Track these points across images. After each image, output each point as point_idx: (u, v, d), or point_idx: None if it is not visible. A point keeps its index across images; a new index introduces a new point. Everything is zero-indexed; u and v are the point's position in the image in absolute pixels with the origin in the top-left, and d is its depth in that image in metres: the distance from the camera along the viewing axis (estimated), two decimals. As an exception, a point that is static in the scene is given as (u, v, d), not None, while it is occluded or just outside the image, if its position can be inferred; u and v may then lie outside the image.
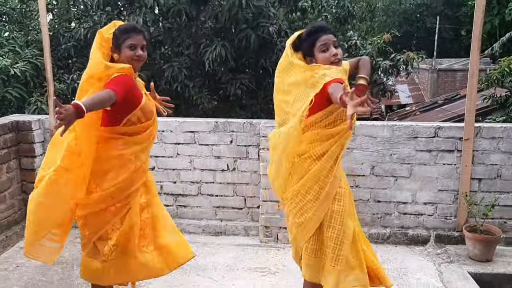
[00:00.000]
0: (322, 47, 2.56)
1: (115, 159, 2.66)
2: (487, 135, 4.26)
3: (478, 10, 4.07)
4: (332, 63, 2.55)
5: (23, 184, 4.68)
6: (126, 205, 2.72)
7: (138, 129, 2.68)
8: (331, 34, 2.57)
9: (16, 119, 4.63)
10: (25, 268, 3.93)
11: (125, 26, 2.71)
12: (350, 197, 2.74)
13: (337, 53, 2.55)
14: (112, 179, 2.66)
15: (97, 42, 2.68)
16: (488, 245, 4.01)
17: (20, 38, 8.27)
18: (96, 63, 2.61)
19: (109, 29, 2.71)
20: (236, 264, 4.04)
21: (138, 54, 2.65)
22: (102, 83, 2.56)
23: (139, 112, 2.64)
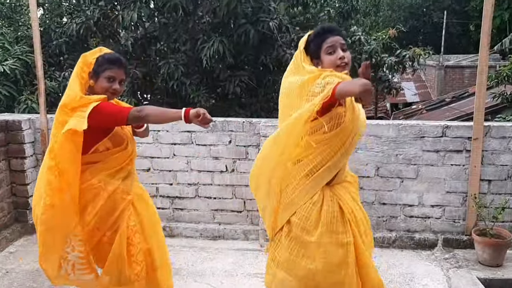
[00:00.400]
0: (328, 49, 2.48)
1: (87, 191, 2.65)
2: (497, 135, 4.25)
3: (488, 4, 4.06)
4: (338, 66, 2.48)
5: (12, 186, 4.67)
6: (116, 232, 2.71)
7: (102, 156, 2.68)
8: (339, 36, 2.51)
9: (5, 118, 4.63)
10: (15, 274, 3.92)
11: (110, 55, 2.68)
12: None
13: (344, 56, 2.48)
14: (91, 211, 2.67)
15: (79, 67, 2.67)
16: (498, 249, 4.01)
17: (10, 34, 8.27)
18: (73, 94, 2.59)
19: (94, 53, 2.69)
20: (235, 269, 4.04)
21: (114, 87, 2.65)
22: (75, 113, 2.54)
23: (107, 142, 2.67)
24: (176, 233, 4.68)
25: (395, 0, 28.80)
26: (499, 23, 19.60)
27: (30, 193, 4.70)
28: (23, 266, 4.05)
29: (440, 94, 20.13)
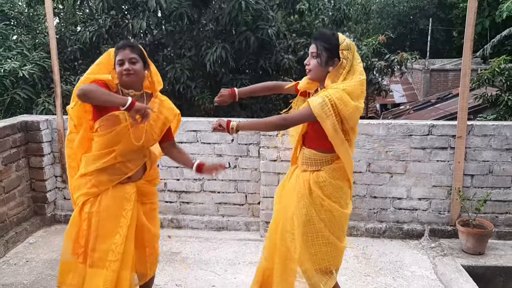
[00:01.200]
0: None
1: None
2: (479, 133, 4.25)
3: (470, 12, 4.06)
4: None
5: (32, 182, 4.67)
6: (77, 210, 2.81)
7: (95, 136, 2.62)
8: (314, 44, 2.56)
9: (24, 119, 4.62)
10: (34, 263, 3.93)
11: (118, 43, 2.66)
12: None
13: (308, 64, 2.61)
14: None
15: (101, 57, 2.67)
16: (480, 238, 4.01)
17: (28, 41, 8.27)
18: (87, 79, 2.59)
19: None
20: (237, 258, 4.04)
21: (125, 68, 2.51)
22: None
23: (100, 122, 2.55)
24: (183, 225, 4.68)
25: (384, 8, 28.76)
26: (480, 29, 19.55)
27: (48, 188, 4.70)
28: (42, 256, 4.06)
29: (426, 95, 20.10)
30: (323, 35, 2.60)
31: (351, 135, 2.57)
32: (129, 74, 2.53)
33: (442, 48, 27.75)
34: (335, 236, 2.64)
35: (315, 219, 2.60)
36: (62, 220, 4.80)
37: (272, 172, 4.38)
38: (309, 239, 2.62)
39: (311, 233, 2.61)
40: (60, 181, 4.82)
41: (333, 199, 2.61)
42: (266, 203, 4.42)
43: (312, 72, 2.59)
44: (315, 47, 2.55)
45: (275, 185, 4.37)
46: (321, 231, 2.61)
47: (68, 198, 4.84)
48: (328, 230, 2.62)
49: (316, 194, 2.60)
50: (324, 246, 2.63)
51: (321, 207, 2.60)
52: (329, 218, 2.61)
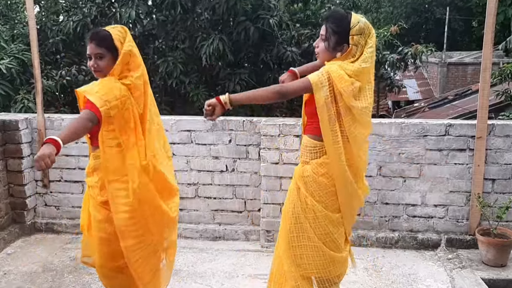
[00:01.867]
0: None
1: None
2: (501, 133, 4.26)
3: (491, 0, 4.07)
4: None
5: (10, 186, 4.68)
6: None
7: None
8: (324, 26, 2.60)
9: (2, 118, 4.63)
10: (13, 275, 3.93)
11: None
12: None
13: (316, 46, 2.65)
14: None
15: None
16: (502, 249, 4.02)
17: (5, 32, 8.28)
18: None
19: None
20: (236, 270, 4.05)
21: (91, 64, 2.67)
22: None
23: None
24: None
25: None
26: (503, 19, 19.59)
27: (27, 194, 4.71)
28: (20, 268, 4.06)
29: (442, 91, 20.14)
30: (334, 16, 2.62)
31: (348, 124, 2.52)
32: (95, 71, 2.69)
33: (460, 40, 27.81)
34: (321, 241, 2.62)
35: (302, 217, 2.62)
36: (43, 228, 4.81)
37: (274, 176, 4.39)
38: (295, 238, 2.63)
39: (296, 232, 2.63)
40: (40, 186, 4.82)
41: (317, 198, 2.60)
42: (267, 210, 4.43)
43: (320, 56, 2.65)
44: (325, 28, 2.58)
45: (277, 190, 4.38)
46: (306, 231, 2.61)
47: (49, 205, 4.86)
48: (313, 232, 2.61)
49: (302, 191, 2.63)
50: (309, 249, 2.63)
51: (306, 205, 2.62)
52: (313, 218, 2.61)
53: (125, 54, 2.65)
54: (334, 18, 2.59)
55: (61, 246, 4.52)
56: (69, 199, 4.84)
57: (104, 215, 2.72)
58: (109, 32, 2.66)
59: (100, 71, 2.67)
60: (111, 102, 2.54)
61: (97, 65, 2.65)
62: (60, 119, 4.72)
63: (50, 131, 4.69)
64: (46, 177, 4.79)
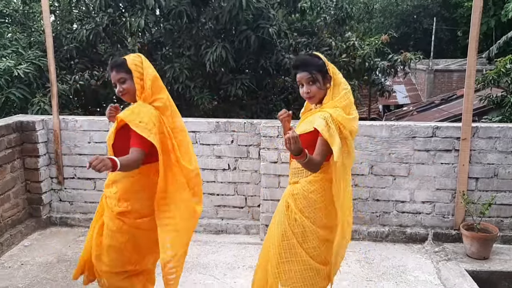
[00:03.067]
0: (298, 83, 2.64)
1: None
2: (484, 135, 4.27)
3: (476, 11, 4.08)
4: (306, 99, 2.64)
5: (27, 183, 4.68)
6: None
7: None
8: (305, 72, 2.57)
9: (20, 119, 4.64)
10: (29, 266, 3.93)
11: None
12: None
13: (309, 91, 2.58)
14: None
15: None
16: (485, 243, 4.02)
17: (23, 39, 8.26)
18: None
19: None
20: (237, 262, 4.05)
21: (118, 90, 2.69)
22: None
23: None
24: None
25: (387, 7, 28.76)
26: (486, 29, 19.61)
27: (43, 190, 4.71)
28: (37, 259, 4.07)
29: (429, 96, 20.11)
30: (306, 60, 2.63)
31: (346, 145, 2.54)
32: (123, 95, 2.70)
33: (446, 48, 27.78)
34: (309, 255, 2.57)
35: (289, 234, 2.58)
36: (57, 222, 4.81)
37: (273, 174, 4.39)
38: (283, 254, 2.59)
39: (284, 248, 2.59)
40: (55, 182, 4.83)
41: (306, 214, 2.56)
42: (266, 205, 4.43)
43: (315, 97, 2.61)
44: (306, 73, 2.56)
45: (276, 187, 4.38)
46: (294, 247, 2.57)
47: (63, 200, 4.86)
48: (301, 247, 2.57)
49: (291, 208, 2.60)
50: (296, 264, 2.58)
51: (294, 221, 2.58)
52: (301, 233, 2.56)
53: (152, 80, 2.67)
54: (308, 62, 2.60)
55: (75, 239, 4.52)
56: (82, 195, 4.84)
57: (118, 226, 2.69)
58: (124, 59, 2.70)
59: (127, 93, 2.68)
60: (152, 129, 2.55)
61: (123, 89, 2.67)
62: (74, 121, 4.72)
63: (64, 131, 4.70)
64: (61, 175, 4.79)
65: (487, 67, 15.86)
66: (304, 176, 2.59)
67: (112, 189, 2.74)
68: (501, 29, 18.42)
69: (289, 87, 9.04)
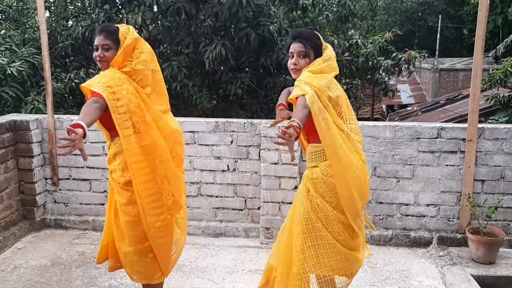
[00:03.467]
0: (289, 54, 2.68)
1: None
2: (491, 136, 4.28)
3: (482, 9, 4.08)
4: (291, 70, 2.69)
5: (20, 184, 4.69)
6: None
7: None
8: (300, 43, 2.62)
9: (13, 118, 4.64)
10: (23, 269, 3.94)
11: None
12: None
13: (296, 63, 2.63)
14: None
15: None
16: (491, 247, 4.03)
17: (17, 36, 8.27)
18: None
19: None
20: (236, 266, 4.06)
21: (96, 55, 2.76)
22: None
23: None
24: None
25: (391, 4, 28.80)
26: (492, 27, 19.63)
27: (37, 191, 4.72)
28: (31, 262, 4.07)
29: (434, 96, 20.14)
30: (307, 34, 2.69)
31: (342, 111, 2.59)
32: (101, 61, 2.76)
33: (452, 47, 27.82)
34: (335, 239, 2.61)
35: (313, 217, 2.61)
36: (52, 224, 4.82)
37: (273, 175, 4.39)
38: (308, 239, 2.61)
39: (309, 232, 2.61)
40: (50, 183, 4.83)
41: (326, 198, 2.60)
42: (267, 208, 4.43)
43: (299, 72, 2.66)
44: (302, 45, 2.60)
45: (276, 189, 4.39)
46: (319, 230, 2.60)
47: (58, 202, 4.86)
48: (327, 230, 2.60)
49: (311, 192, 2.63)
50: (323, 248, 2.61)
51: (317, 205, 2.61)
52: (325, 217, 2.60)
53: (126, 47, 2.72)
54: (307, 35, 2.65)
55: (69, 241, 4.53)
56: (77, 196, 4.84)
57: (127, 197, 2.74)
58: (117, 27, 2.76)
59: (105, 61, 2.74)
60: (112, 87, 2.60)
61: (103, 55, 2.73)
62: (69, 120, 4.73)
63: (59, 131, 4.70)
64: (56, 175, 4.80)
65: (494, 66, 15.87)
66: (323, 160, 2.62)
67: (115, 162, 2.81)
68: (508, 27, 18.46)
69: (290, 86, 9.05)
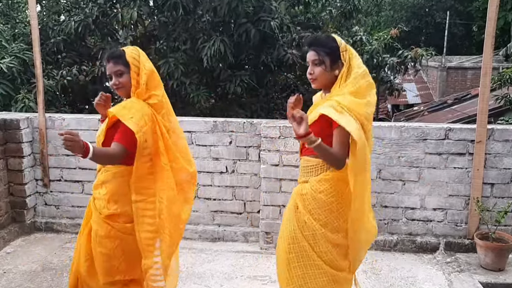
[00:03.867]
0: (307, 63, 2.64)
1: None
2: (500, 138, 4.27)
3: (492, 5, 4.08)
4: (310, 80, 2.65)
5: (10, 185, 4.68)
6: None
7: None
8: (313, 51, 2.58)
9: (3, 117, 4.64)
10: (12, 274, 3.93)
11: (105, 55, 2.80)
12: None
13: (312, 72, 2.59)
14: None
15: None
16: (500, 253, 4.03)
17: (7, 31, 8.27)
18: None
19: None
20: (235, 272, 4.05)
21: (112, 84, 2.72)
22: None
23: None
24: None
25: (397, 0, 28.83)
26: (503, 24, 19.62)
27: (27, 193, 4.72)
28: (20, 267, 4.06)
29: (442, 95, 20.13)
30: (319, 39, 2.66)
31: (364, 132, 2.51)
32: (118, 88, 2.72)
33: (460, 44, 27.83)
34: (321, 259, 2.54)
35: (299, 236, 2.55)
36: (42, 227, 4.81)
37: (274, 178, 4.39)
38: (294, 258, 2.56)
39: (295, 251, 2.56)
40: (41, 185, 4.83)
41: (315, 216, 2.53)
42: (267, 211, 4.43)
43: (318, 81, 2.60)
44: (314, 53, 2.56)
45: (277, 192, 4.39)
46: (305, 250, 2.55)
47: (49, 204, 4.86)
48: (313, 250, 2.54)
49: (299, 209, 2.58)
50: (310, 268, 2.55)
51: (304, 223, 2.55)
52: (311, 236, 2.54)
53: (148, 75, 2.68)
54: (320, 41, 2.61)
55: (61, 246, 4.52)
56: (69, 198, 4.84)
57: (106, 231, 2.68)
58: (123, 50, 2.72)
59: (123, 87, 2.70)
60: (143, 127, 2.55)
61: (118, 82, 2.68)
62: (61, 119, 4.73)
63: (51, 130, 4.70)
64: (47, 177, 4.79)
65: (504, 64, 15.87)
66: (314, 175, 2.57)
67: (101, 190, 2.74)
68: (520, 24, 18.46)
69: (292, 85, 9.05)
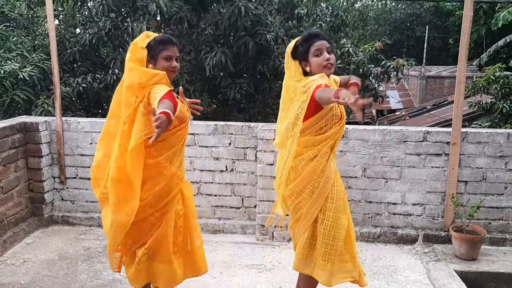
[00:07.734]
0: (316, 52, 2.59)
1: (152, 167, 2.58)
2: (473, 140, 4.29)
3: (466, 20, 4.10)
4: (325, 67, 2.59)
5: (30, 182, 4.67)
6: (164, 214, 2.66)
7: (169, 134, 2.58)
8: (324, 40, 2.60)
9: (24, 120, 4.63)
10: (31, 263, 3.93)
11: (162, 37, 2.65)
12: (344, 196, 2.75)
13: (330, 58, 2.59)
14: (149, 188, 2.60)
15: (131, 53, 2.60)
16: (473, 244, 4.04)
17: (27, 43, 8.27)
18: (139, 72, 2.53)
19: (143, 39, 2.61)
20: (233, 261, 4.05)
21: (173, 65, 2.62)
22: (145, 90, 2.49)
23: (175, 120, 2.53)
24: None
25: (381, 15, 28.87)
26: (476, 37, 19.67)
27: (45, 189, 4.71)
28: (39, 256, 4.06)
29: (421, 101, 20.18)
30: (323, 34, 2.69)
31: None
32: (174, 71, 2.65)
33: (438, 55, 27.87)
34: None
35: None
36: (59, 221, 4.80)
37: (269, 176, 4.39)
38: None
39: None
40: (58, 182, 4.82)
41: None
42: (263, 206, 4.43)
43: (333, 66, 2.63)
44: (327, 42, 2.60)
45: (272, 188, 4.39)
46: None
47: (65, 199, 4.85)
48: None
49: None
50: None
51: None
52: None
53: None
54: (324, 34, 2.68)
55: (76, 237, 4.52)
56: (84, 194, 4.83)
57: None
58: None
59: (176, 72, 2.67)
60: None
61: (175, 65, 2.64)
62: (76, 122, 4.72)
63: (67, 132, 4.69)
64: (63, 174, 4.78)
65: (478, 74, 15.92)
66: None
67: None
68: (491, 37, 18.49)
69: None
